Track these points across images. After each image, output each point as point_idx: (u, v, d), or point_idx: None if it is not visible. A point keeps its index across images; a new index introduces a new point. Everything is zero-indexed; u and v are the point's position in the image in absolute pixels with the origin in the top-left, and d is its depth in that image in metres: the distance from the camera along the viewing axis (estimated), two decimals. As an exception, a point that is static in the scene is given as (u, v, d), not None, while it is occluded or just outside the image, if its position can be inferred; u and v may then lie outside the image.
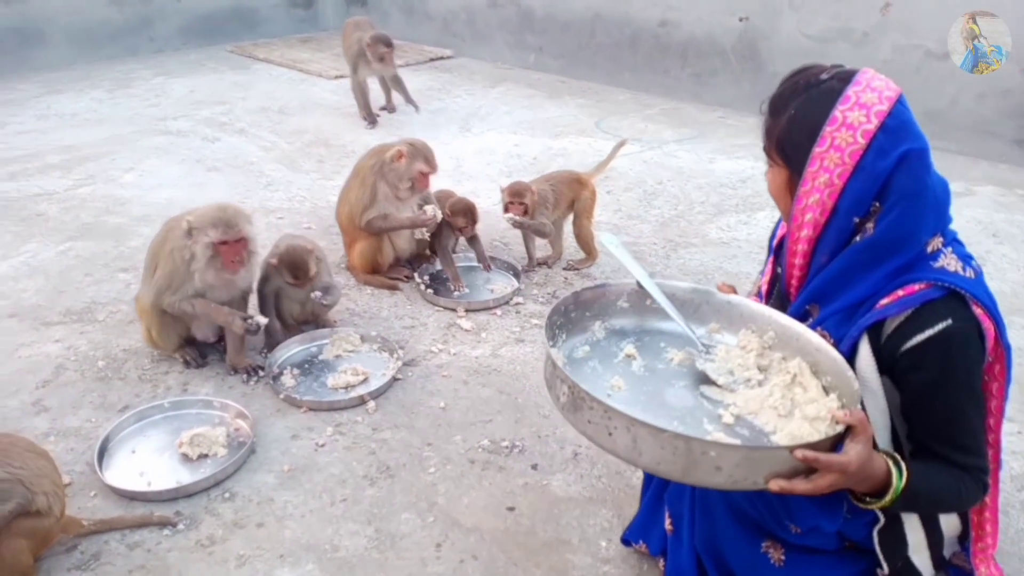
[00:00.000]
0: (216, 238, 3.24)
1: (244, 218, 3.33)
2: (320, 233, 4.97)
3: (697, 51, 7.87)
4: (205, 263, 3.28)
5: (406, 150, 4.13)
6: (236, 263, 3.30)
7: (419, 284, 4.30)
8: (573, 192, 4.52)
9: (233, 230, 3.25)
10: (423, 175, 4.13)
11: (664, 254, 4.83)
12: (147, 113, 7.23)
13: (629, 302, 2.44)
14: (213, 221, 3.24)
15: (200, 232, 3.26)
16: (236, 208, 3.35)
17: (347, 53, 7.06)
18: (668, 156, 6.47)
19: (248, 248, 3.33)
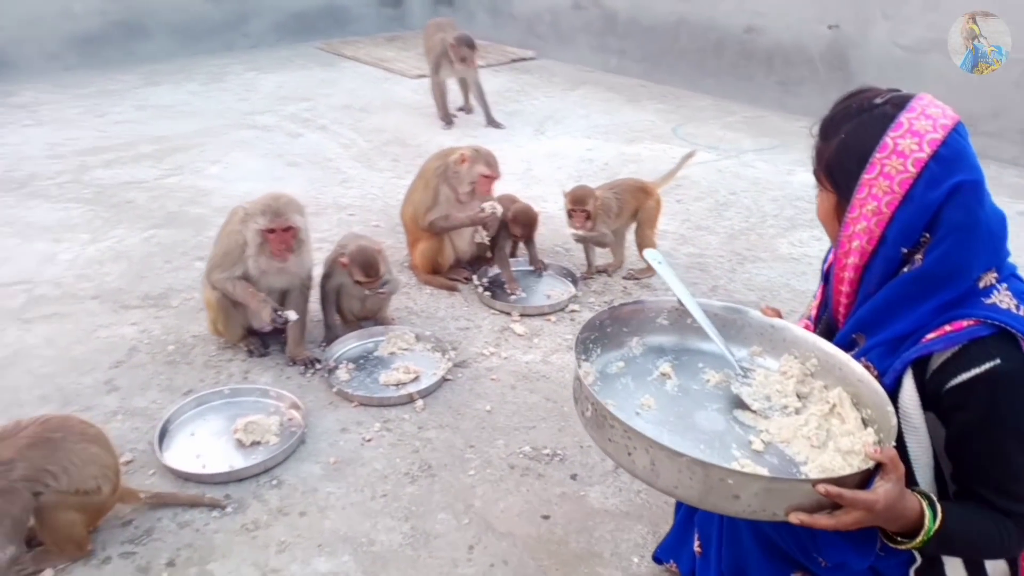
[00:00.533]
0: (264, 225, 3.37)
1: (294, 208, 3.44)
2: (387, 232, 5.08)
3: (784, 58, 7.67)
4: (256, 249, 3.42)
5: (469, 154, 4.19)
6: (283, 251, 3.42)
7: (477, 286, 4.35)
8: (637, 201, 4.48)
9: (280, 218, 3.37)
10: (484, 178, 4.18)
11: (730, 267, 4.74)
12: (236, 107, 7.53)
13: (669, 320, 2.42)
14: (263, 209, 3.38)
15: (251, 219, 3.40)
16: (289, 198, 3.47)
17: (429, 53, 7.19)
18: (745, 166, 6.34)
19: (296, 237, 3.44)
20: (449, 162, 4.23)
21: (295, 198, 3.52)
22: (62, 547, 2.62)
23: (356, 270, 3.64)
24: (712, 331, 2.24)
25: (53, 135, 6.68)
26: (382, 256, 3.69)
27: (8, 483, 2.41)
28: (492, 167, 4.21)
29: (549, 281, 4.53)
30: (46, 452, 2.50)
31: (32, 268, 4.55)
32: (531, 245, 4.55)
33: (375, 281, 3.67)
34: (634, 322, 2.41)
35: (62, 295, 4.29)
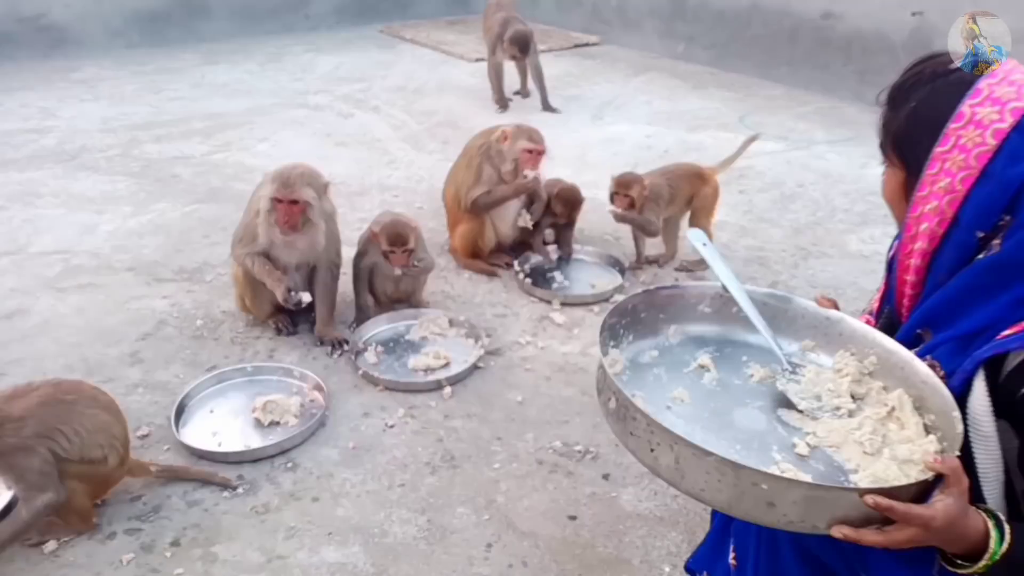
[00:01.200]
0: (271, 193, 3.21)
1: (307, 180, 3.26)
2: (430, 214, 4.89)
3: (863, 46, 7.22)
4: (265, 218, 3.26)
5: (510, 131, 3.99)
6: (287, 224, 3.25)
7: (518, 272, 4.13)
8: (692, 188, 4.20)
9: (287, 189, 3.20)
10: (527, 153, 3.96)
11: (793, 263, 4.41)
12: (291, 87, 7.48)
13: (712, 307, 2.17)
14: (275, 176, 3.23)
15: (266, 182, 3.25)
16: (306, 170, 3.29)
17: (487, 34, 7.00)
18: (815, 157, 5.96)
19: (304, 212, 3.26)
20: (491, 140, 4.03)
21: (315, 171, 3.34)
22: (67, 519, 2.51)
23: (384, 239, 3.47)
24: (759, 321, 1.98)
25: (108, 110, 6.71)
26: (414, 231, 3.51)
27: (21, 439, 2.32)
28: (535, 141, 3.98)
29: (594, 270, 4.29)
30: (58, 412, 2.40)
31: (72, 238, 4.52)
32: (569, 229, 4.32)
33: (402, 253, 3.49)
34: (672, 308, 2.16)
35: (98, 266, 4.23)
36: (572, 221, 4.34)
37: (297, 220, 3.25)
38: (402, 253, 3.49)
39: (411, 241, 3.48)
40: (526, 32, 6.53)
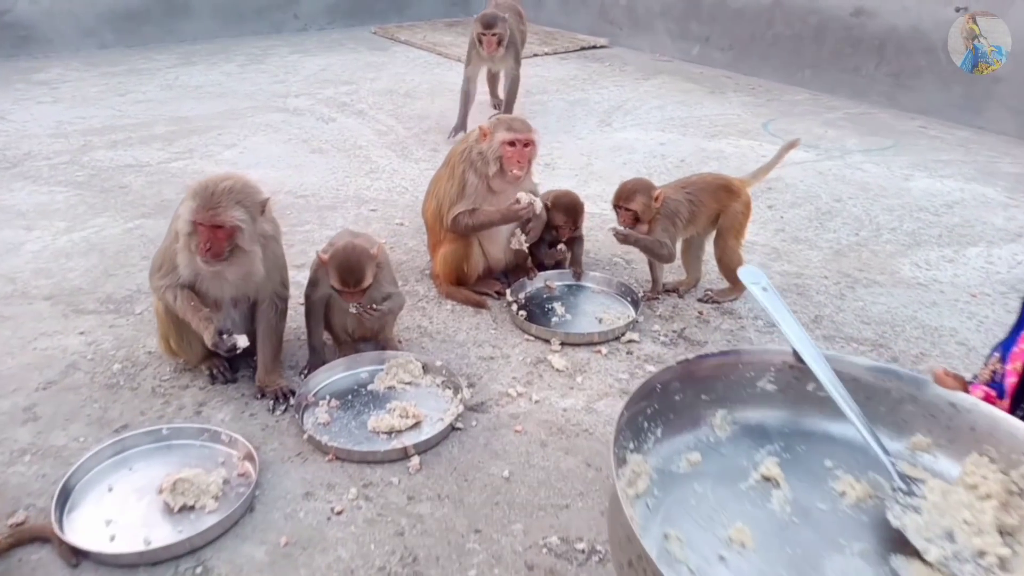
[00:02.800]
0: (189, 215, 2.54)
1: (238, 198, 2.57)
2: (411, 232, 4.23)
3: (898, 46, 6.53)
4: (185, 244, 2.59)
5: (488, 125, 3.32)
6: (210, 253, 2.56)
7: (510, 303, 3.45)
8: (719, 203, 3.51)
9: (210, 211, 2.52)
10: (509, 148, 3.27)
11: (837, 292, 3.72)
12: (270, 89, 6.83)
13: (775, 383, 1.51)
14: (195, 193, 2.54)
15: (186, 201, 2.57)
16: (236, 184, 2.59)
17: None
18: (851, 168, 5.26)
19: (232, 238, 2.59)
20: (473, 144, 3.36)
21: (248, 185, 2.65)
22: None
23: (332, 272, 2.79)
24: (850, 408, 1.32)
25: (65, 113, 6.07)
26: (372, 261, 2.82)
27: None
28: (518, 130, 3.30)
29: (601, 300, 3.60)
30: None
31: (-12, 259, 3.86)
32: (577, 244, 3.66)
33: (356, 293, 2.80)
34: (719, 385, 1.50)
35: (11, 293, 3.56)
36: (578, 234, 3.68)
37: (222, 248, 2.58)
38: (356, 291, 2.80)
39: (366, 276, 2.80)
40: (496, 14, 5.60)
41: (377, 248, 2.88)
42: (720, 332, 3.37)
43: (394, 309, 3.02)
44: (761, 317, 3.48)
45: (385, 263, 2.99)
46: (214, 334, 2.65)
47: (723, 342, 3.29)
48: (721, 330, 3.39)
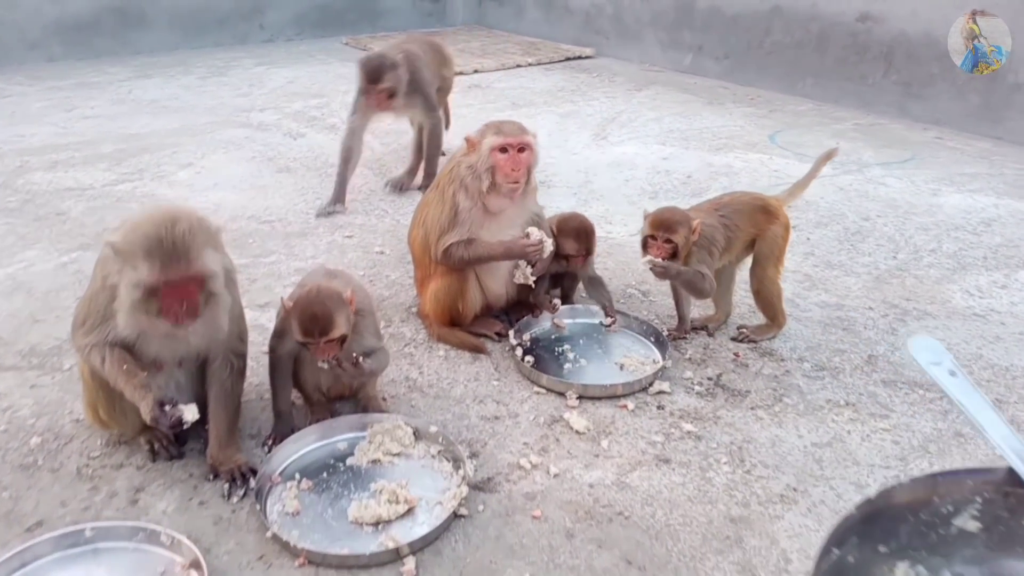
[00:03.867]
0: (149, 279, 1.98)
1: (204, 238, 2.05)
2: (395, 261, 3.69)
3: (908, 53, 6.13)
4: (131, 305, 2.03)
5: (474, 134, 2.82)
6: (182, 315, 2.02)
7: (515, 347, 2.92)
8: (756, 226, 3.01)
9: (178, 267, 1.98)
10: (500, 154, 2.77)
11: (887, 327, 3.23)
12: (232, 103, 6.25)
13: (982, 519, 0.96)
14: (147, 248, 1.97)
15: (129, 260, 2.00)
16: (193, 223, 2.04)
17: None
18: (872, 183, 4.82)
19: (205, 288, 2.05)
20: (460, 159, 2.85)
21: (202, 219, 2.09)
22: None
23: (295, 323, 2.24)
24: None
25: (1, 131, 5.44)
26: (344, 310, 2.27)
27: None
28: (508, 132, 2.80)
29: (620, 341, 3.08)
30: None
31: None
32: (599, 285, 3.17)
33: (325, 345, 2.25)
34: (904, 529, 0.97)
35: (-88, 345, 2.96)
36: (594, 274, 3.18)
37: (197, 303, 2.04)
38: (326, 344, 2.25)
39: (335, 325, 2.25)
40: (383, 59, 4.13)
41: (351, 292, 2.33)
42: (763, 379, 2.86)
43: (376, 370, 2.46)
44: (807, 358, 2.99)
45: (368, 311, 2.45)
46: (153, 406, 2.09)
47: (767, 391, 2.79)
48: (763, 376, 2.88)
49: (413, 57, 4.32)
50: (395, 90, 4.14)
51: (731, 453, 2.47)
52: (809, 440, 2.55)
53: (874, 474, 2.41)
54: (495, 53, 8.15)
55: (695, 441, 2.52)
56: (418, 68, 4.33)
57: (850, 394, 2.79)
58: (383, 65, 4.09)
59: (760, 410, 2.69)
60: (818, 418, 2.66)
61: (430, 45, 4.71)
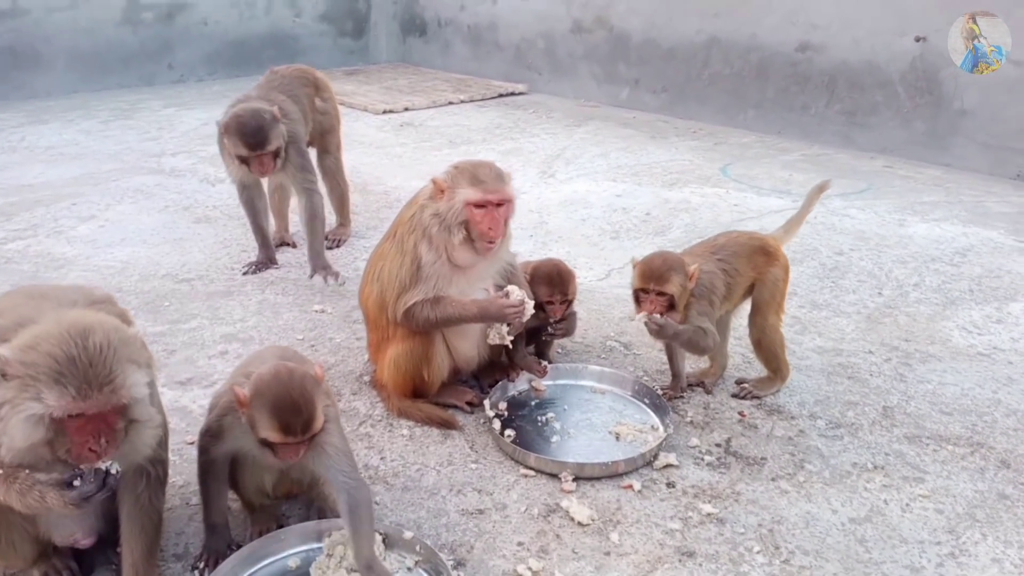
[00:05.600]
0: (57, 412, 1.48)
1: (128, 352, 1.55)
2: (339, 320, 3.22)
3: (850, 81, 6.04)
4: (26, 443, 1.52)
5: (445, 177, 2.41)
6: (98, 452, 1.54)
7: (491, 418, 2.49)
8: (755, 269, 2.69)
9: (100, 395, 1.49)
10: (476, 209, 2.37)
11: (893, 372, 2.94)
12: (140, 148, 5.67)
13: None
14: (55, 373, 1.47)
15: (27, 387, 1.49)
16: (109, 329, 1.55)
17: None
18: (836, 215, 4.61)
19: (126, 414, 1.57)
20: (424, 203, 2.43)
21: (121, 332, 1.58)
22: None
23: (266, 421, 1.75)
24: None
25: None
26: (320, 388, 1.81)
27: None
28: (485, 183, 2.40)
29: (610, 404, 2.69)
30: None
31: None
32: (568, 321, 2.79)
33: (295, 446, 1.78)
34: None
35: None
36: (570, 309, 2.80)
37: (115, 434, 1.56)
38: (296, 445, 1.78)
39: (317, 415, 1.77)
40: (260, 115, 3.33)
41: (319, 368, 1.87)
42: (777, 442, 2.51)
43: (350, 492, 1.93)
44: (819, 414, 2.65)
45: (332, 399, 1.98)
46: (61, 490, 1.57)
47: (785, 456, 2.43)
48: (776, 438, 2.53)
49: (287, 111, 3.50)
50: (282, 148, 3.40)
51: (762, 538, 2.09)
52: (845, 515, 2.20)
53: (926, 552, 2.07)
54: (424, 90, 7.79)
55: (718, 526, 2.13)
56: (293, 128, 3.53)
57: (875, 455, 2.46)
58: (264, 124, 3.31)
59: (782, 481, 2.33)
60: (848, 487, 2.31)
61: (298, 78, 3.88)
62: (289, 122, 3.52)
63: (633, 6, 7.16)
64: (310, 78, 3.95)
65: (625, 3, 7.20)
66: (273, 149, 3.37)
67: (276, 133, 3.37)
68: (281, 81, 3.76)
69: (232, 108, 3.46)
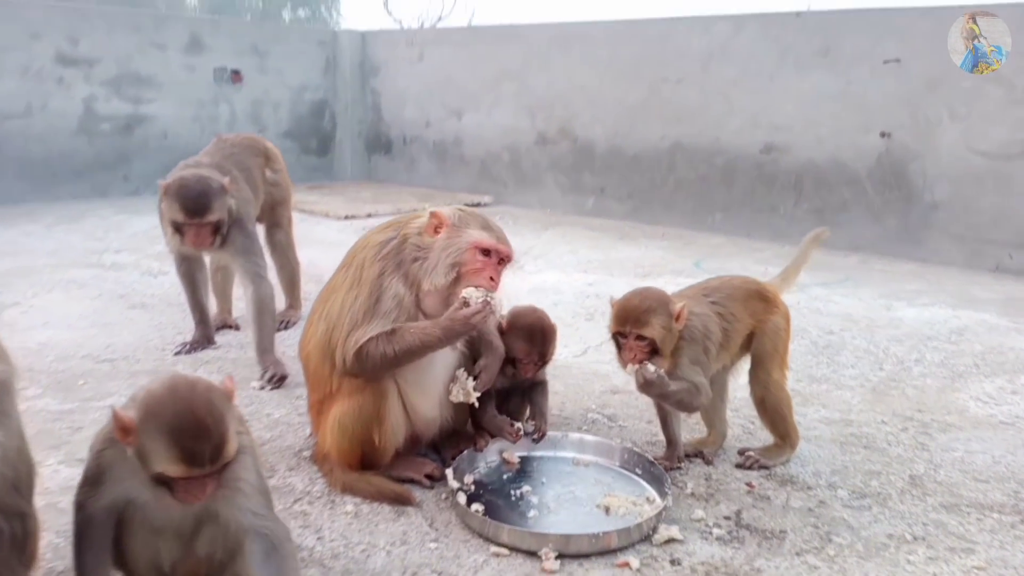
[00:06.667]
0: None
1: None
2: (279, 397, 2.83)
3: (817, 180, 6.01)
4: None
5: (449, 214, 2.10)
6: None
7: (456, 491, 2.06)
8: (754, 316, 2.39)
9: None
10: (481, 256, 2.06)
11: (912, 441, 2.60)
12: (83, 246, 5.33)
13: None
14: None
15: None
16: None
17: None
18: (820, 301, 4.38)
19: None
20: (408, 231, 2.11)
21: None
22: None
23: (161, 448, 1.34)
24: None
25: None
26: (229, 402, 1.43)
27: None
28: (496, 232, 2.14)
29: (600, 478, 2.28)
30: None
31: None
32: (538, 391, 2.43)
33: (202, 481, 1.37)
34: None
35: None
36: (542, 377, 2.45)
37: None
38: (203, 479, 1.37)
39: (229, 434, 1.39)
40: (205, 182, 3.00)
41: (229, 379, 1.49)
42: (795, 513, 2.11)
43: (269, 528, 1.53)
44: (839, 484, 2.27)
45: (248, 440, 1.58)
46: None
47: (807, 529, 2.03)
48: (794, 509, 2.13)
49: (238, 188, 3.19)
50: (224, 223, 3.05)
51: (795, 621, 1.67)
52: (891, 593, 1.79)
53: (997, 635, 1.65)
54: (389, 199, 7.64)
55: (738, 608, 1.71)
56: (242, 208, 3.18)
57: (912, 525, 2.07)
58: (209, 191, 2.97)
59: (809, 555, 1.92)
60: (889, 561, 1.91)
61: (248, 147, 3.60)
62: (239, 199, 3.21)
63: (596, 116, 7.20)
64: (260, 148, 3.69)
65: (588, 113, 7.24)
66: (213, 220, 3.01)
67: (220, 204, 3.02)
68: (231, 150, 3.49)
69: (179, 171, 3.17)
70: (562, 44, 7.35)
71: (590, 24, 7.30)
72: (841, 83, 5.79)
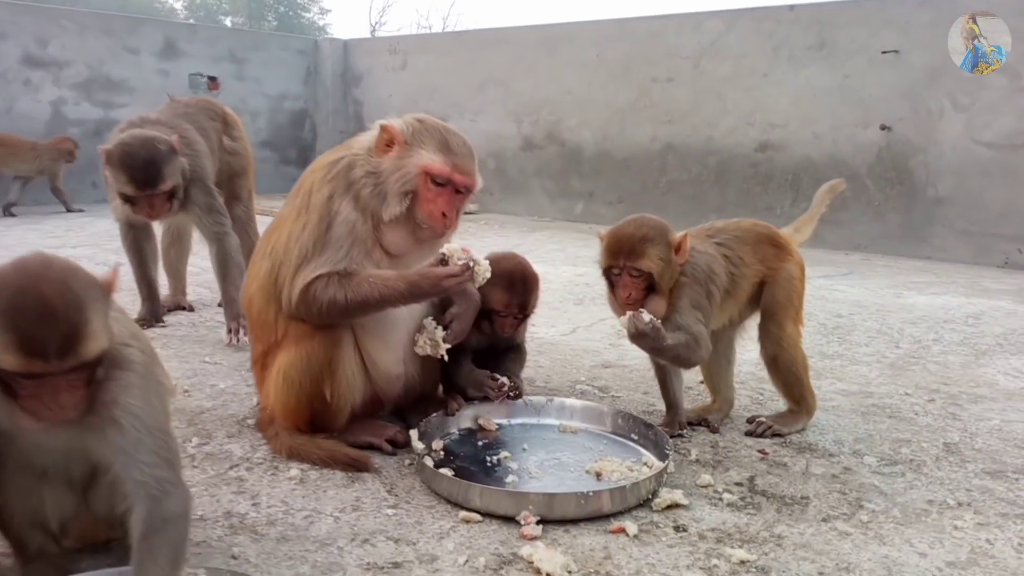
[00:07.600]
0: None
1: None
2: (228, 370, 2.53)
3: (815, 177, 5.75)
4: None
5: (400, 128, 1.79)
6: None
7: (422, 455, 1.75)
8: (763, 262, 2.11)
9: None
10: (433, 185, 1.78)
11: (942, 411, 2.30)
12: (40, 243, 5.03)
13: None
14: None
15: None
16: None
17: None
18: (824, 290, 4.10)
19: None
20: (357, 153, 1.81)
21: None
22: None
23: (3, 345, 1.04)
24: None
25: None
26: (105, 305, 1.13)
27: None
28: (455, 154, 1.81)
29: (584, 443, 1.98)
30: None
31: None
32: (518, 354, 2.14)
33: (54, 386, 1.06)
34: None
35: None
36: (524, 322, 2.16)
37: None
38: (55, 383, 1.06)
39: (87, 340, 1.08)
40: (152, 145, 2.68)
41: (113, 271, 1.19)
42: (818, 480, 1.81)
43: None
44: (864, 451, 1.97)
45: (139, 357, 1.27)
46: None
47: (834, 495, 1.73)
48: (816, 476, 1.83)
49: (191, 141, 2.93)
50: (179, 188, 2.77)
51: (830, 592, 1.36)
52: (940, 559, 1.48)
53: (1075, 606, 1.35)
54: (369, 208, 7.38)
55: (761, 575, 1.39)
56: (198, 162, 2.92)
57: (954, 491, 1.77)
58: (158, 157, 2.66)
59: (838, 521, 1.61)
60: (932, 527, 1.61)
61: (204, 110, 3.29)
62: (193, 155, 2.92)
63: (584, 119, 6.97)
64: (217, 111, 3.38)
65: (576, 116, 7.02)
66: (167, 189, 2.71)
67: (172, 169, 2.72)
68: (185, 110, 3.20)
69: (120, 133, 2.87)
70: (548, 47, 7.15)
71: (577, 25, 7.11)
72: (838, 77, 5.59)
